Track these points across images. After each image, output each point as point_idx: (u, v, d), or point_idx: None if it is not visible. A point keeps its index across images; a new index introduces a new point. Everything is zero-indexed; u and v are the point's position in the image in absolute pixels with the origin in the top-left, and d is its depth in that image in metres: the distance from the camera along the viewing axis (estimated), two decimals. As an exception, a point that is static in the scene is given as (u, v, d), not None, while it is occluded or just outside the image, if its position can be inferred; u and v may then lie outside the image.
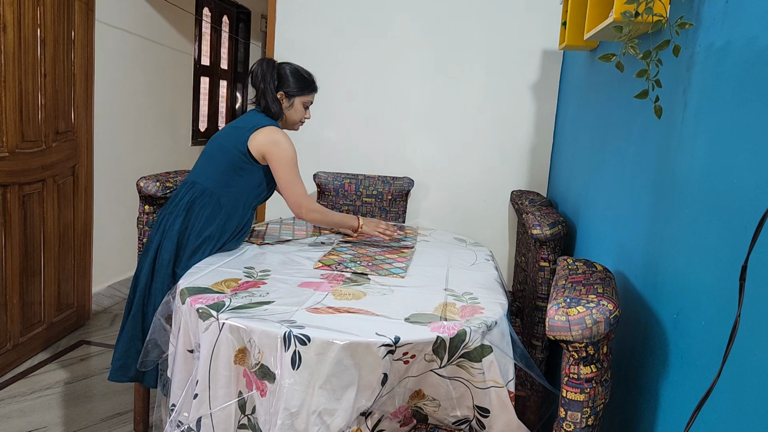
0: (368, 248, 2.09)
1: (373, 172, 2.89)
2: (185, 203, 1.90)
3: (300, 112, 2.07)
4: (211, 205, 1.91)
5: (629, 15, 1.17)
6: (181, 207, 1.90)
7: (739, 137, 0.91)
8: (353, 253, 1.99)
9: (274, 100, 2.01)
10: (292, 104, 2.04)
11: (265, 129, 1.93)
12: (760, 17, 0.88)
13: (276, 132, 1.94)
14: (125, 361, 1.90)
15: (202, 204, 1.90)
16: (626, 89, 1.56)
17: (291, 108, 2.05)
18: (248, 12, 5.24)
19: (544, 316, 1.89)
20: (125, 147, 3.49)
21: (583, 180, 2.02)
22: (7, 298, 2.46)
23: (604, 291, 1.12)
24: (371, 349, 1.26)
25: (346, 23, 2.82)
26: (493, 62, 2.75)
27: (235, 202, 1.94)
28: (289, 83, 2.02)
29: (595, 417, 1.08)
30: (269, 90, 1.99)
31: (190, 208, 1.90)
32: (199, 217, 1.89)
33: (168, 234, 1.88)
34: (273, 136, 1.92)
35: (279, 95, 2.01)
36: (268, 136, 1.92)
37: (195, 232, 1.88)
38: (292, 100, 2.03)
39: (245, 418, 1.37)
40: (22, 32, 2.40)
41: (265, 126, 1.94)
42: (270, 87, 1.99)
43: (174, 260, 1.87)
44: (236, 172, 1.93)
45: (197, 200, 1.91)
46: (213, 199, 1.91)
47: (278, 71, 2.01)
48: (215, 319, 1.35)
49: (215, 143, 1.99)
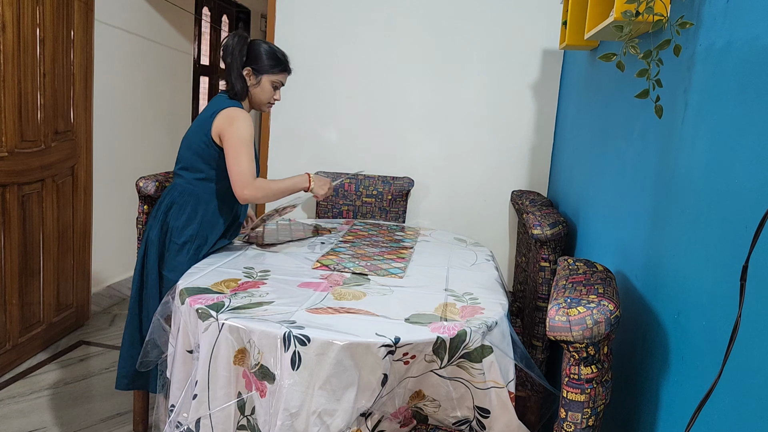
0: (367, 248, 2.08)
1: (373, 172, 2.89)
2: (164, 207, 1.89)
3: (268, 92, 1.96)
4: (190, 203, 1.88)
5: (630, 14, 1.17)
6: (160, 211, 1.89)
7: (739, 137, 0.91)
8: (352, 254, 1.99)
9: (239, 76, 1.90)
10: (259, 82, 1.94)
11: (223, 111, 1.85)
12: (761, 17, 0.88)
13: (232, 111, 1.85)
14: (128, 369, 1.92)
15: (181, 203, 1.89)
16: (627, 89, 1.55)
17: (258, 86, 1.94)
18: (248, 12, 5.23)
19: (544, 317, 1.89)
20: (125, 147, 3.49)
21: (584, 180, 2.01)
22: (6, 299, 2.46)
23: (604, 291, 1.12)
24: (371, 350, 1.26)
25: (346, 23, 2.82)
26: (494, 62, 2.75)
27: (211, 195, 1.90)
28: (258, 60, 1.92)
29: (596, 417, 1.08)
30: (235, 65, 1.89)
31: (169, 210, 1.89)
32: (178, 218, 1.87)
33: (150, 239, 1.88)
34: (229, 115, 1.83)
35: (246, 71, 1.91)
36: (225, 116, 1.84)
37: (177, 232, 1.86)
38: (259, 77, 1.93)
39: (245, 418, 1.37)
40: (21, 32, 2.39)
41: (225, 108, 1.85)
42: (237, 62, 1.89)
43: (159, 263, 1.87)
44: (207, 163, 1.88)
45: (176, 201, 1.89)
46: (192, 197, 1.89)
47: (249, 46, 1.92)
48: (215, 319, 1.35)
49: (184, 140, 1.95)
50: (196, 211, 1.88)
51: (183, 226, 1.87)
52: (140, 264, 1.91)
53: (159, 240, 1.88)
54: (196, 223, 1.88)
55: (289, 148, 2.95)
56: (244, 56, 1.90)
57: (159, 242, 1.88)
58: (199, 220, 1.88)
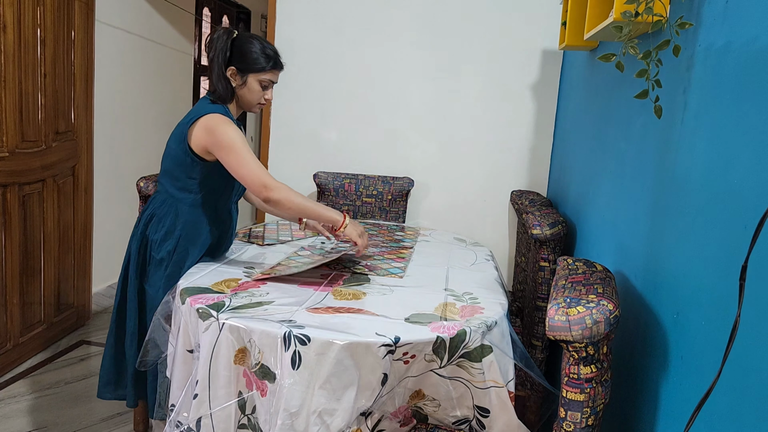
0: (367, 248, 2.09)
1: (373, 172, 2.89)
2: (145, 218, 1.78)
3: (256, 92, 1.75)
4: (169, 216, 1.75)
5: (629, 15, 1.17)
6: (141, 222, 1.79)
7: (739, 137, 0.91)
8: (352, 253, 1.99)
9: (221, 77, 1.71)
10: (245, 82, 1.73)
11: (199, 121, 1.66)
12: (760, 17, 0.88)
13: (210, 119, 1.66)
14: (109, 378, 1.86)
15: (160, 216, 1.76)
16: (626, 89, 1.56)
17: (244, 86, 1.74)
18: (248, 12, 5.23)
19: (544, 316, 1.89)
20: (125, 147, 3.49)
21: (583, 180, 2.02)
22: (7, 298, 2.46)
23: (604, 291, 1.12)
24: (371, 349, 1.26)
25: (346, 23, 2.82)
26: (493, 62, 2.75)
27: (191, 207, 1.75)
28: (244, 57, 1.71)
29: (595, 417, 1.08)
30: (216, 64, 1.70)
31: (150, 222, 1.77)
32: (157, 231, 1.75)
33: (131, 252, 1.79)
34: (206, 125, 1.65)
35: (230, 71, 1.71)
36: (202, 127, 1.66)
37: (155, 246, 1.74)
38: (245, 77, 1.73)
39: (245, 418, 1.37)
40: (22, 32, 2.40)
41: (202, 116, 1.67)
42: (218, 60, 1.69)
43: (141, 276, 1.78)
44: (184, 171, 1.72)
45: (156, 213, 1.77)
46: (171, 209, 1.75)
47: (234, 42, 1.71)
48: (215, 319, 1.35)
49: (166, 148, 1.79)
50: (174, 225, 1.74)
51: (162, 240, 1.74)
52: (122, 276, 1.82)
53: (139, 252, 1.77)
54: (174, 238, 1.74)
55: (289, 148, 2.95)
56: (227, 53, 1.70)
57: (139, 255, 1.77)
58: (178, 235, 1.74)
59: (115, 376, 1.86)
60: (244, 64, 1.72)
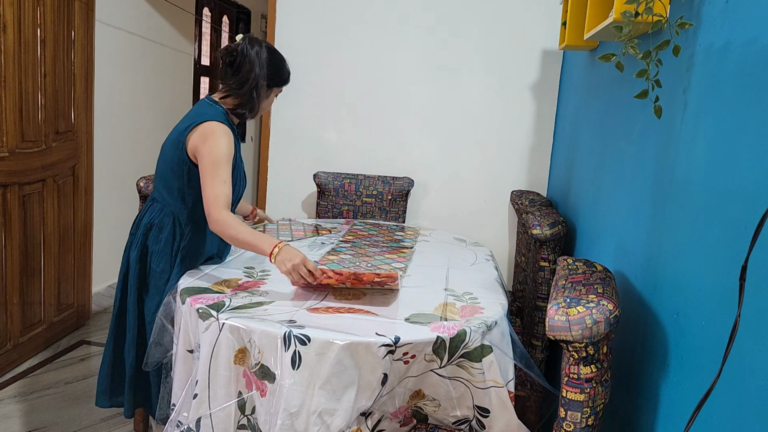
0: (367, 248, 2.09)
1: (373, 172, 2.89)
2: (143, 228, 1.75)
3: (271, 102, 1.82)
4: (168, 225, 1.72)
5: (629, 15, 1.17)
6: (140, 231, 1.76)
7: (739, 137, 0.91)
8: (353, 254, 1.99)
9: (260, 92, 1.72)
10: (268, 94, 1.77)
11: (199, 127, 1.65)
12: (760, 17, 0.88)
13: (208, 126, 1.64)
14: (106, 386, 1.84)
15: (160, 225, 1.73)
16: (626, 89, 1.56)
17: (265, 99, 1.78)
18: (248, 12, 5.23)
19: (544, 316, 1.89)
20: (125, 147, 3.49)
21: (583, 180, 2.02)
22: (7, 298, 2.46)
23: (604, 291, 1.12)
24: (371, 349, 1.26)
25: (346, 23, 2.82)
26: (493, 62, 2.75)
27: (189, 218, 1.73)
28: (276, 72, 1.75)
29: (595, 417, 1.08)
30: (259, 81, 1.70)
31: (149, 231, 1.74)
32: (157, 242, 1.72)
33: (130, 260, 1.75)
34: (203, 131, 1.63)
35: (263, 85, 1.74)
36: (200, 132, 1.64)
37: (155, 257, 1.72)
38: (270, 90, 1.77)
39: (245, 418, 1.37)
40: (22, 32, 2.40)
41: (202, 122, 1.65)
42: (261, 78, 1.70)
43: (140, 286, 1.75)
44: (179, 179, 1.70)
45: (155, 223, 1.74)
46: (169, 218, 1.73)
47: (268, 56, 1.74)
48: (215, 319, 1.35)
49: (161, 153, 1.75)
50: (174, 235, 1.72)
51: (161, 251, 1.71)
52: (121, 285, 1.78)
53: (139, 261, 1.74)
54: (174, 250, 1.72)
55: (289, 149, 2.95)
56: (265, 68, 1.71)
57: (139, 264, 1.74)
58: (177, 247, 1.72)
59: (112, 385, 1.84)
60: (276, 78, 1.75)
